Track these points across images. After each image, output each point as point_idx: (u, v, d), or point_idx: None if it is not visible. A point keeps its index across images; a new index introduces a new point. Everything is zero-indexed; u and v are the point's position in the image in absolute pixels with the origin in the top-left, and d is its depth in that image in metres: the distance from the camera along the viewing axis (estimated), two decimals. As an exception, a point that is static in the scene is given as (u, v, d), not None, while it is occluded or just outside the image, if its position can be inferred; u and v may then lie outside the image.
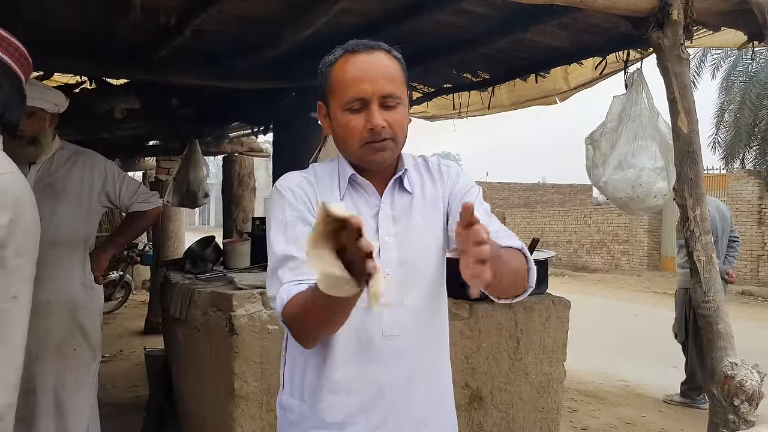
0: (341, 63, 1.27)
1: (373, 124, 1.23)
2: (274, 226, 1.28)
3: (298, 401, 1.34)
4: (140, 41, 3.15)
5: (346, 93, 1.25)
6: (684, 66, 2.12)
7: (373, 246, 0.89)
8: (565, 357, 3.26)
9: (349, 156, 1.32)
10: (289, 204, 1.28)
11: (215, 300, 2.64)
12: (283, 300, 1.18)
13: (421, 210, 1.35)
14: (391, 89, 1.26)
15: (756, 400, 1.93)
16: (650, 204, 2.39)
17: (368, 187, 1.33)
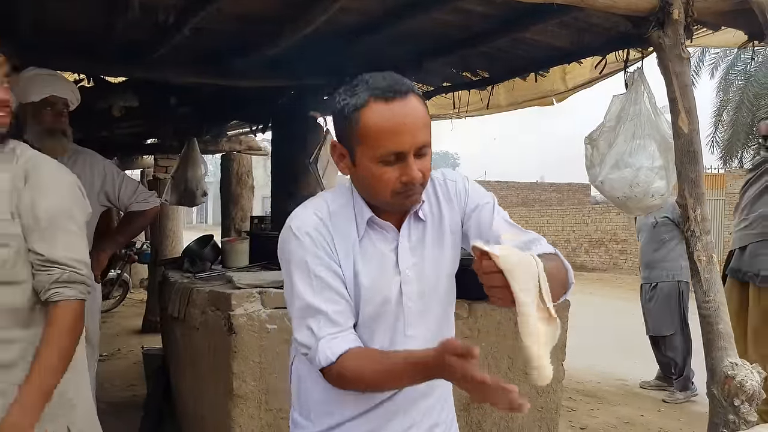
0: (372, 112, 1.18)
1: (411, 177, 1.20)
2: (298, 273, 1.25)
3: (305, 420, 1.37)
4: (139, 39, 3.14)
5: (383, 146, 1.18)
6: (685, 65, 2.12)
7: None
8: (564, 356, 3.26)
9: (376, 202, 1.28)
10: (311, 251, 1.25)
11: (214, 299, 2.63)
12: (328, 357, 1.20)
13: (432, 238, 1.35)
14: (426, 138, 1.22)
15: (756, 401, 1.93)
16: (648, 203, 2.38)
17: (387, 226, 1.31)
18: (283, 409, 2.55)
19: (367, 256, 1.28)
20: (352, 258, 1.27)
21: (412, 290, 1.31)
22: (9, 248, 1.48)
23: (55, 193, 1.55)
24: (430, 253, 1.34)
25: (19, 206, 1.50)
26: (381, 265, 1.29)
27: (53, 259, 1.51)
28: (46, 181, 1.54)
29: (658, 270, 5.25)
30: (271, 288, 2.59)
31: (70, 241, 1.56)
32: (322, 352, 1.20)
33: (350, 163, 1.26)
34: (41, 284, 1.52)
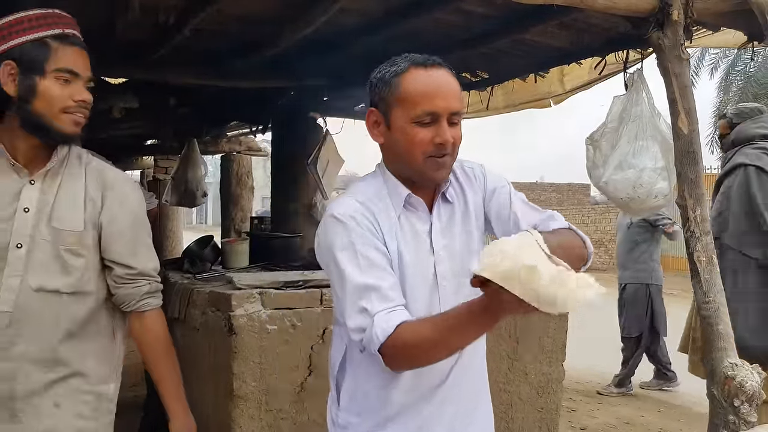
0: (412, 75, 1.28)
1: (444, 139, 1.27)
2: (345, 256, 1.27)
3: (358, 418, 1.37)
4: (139, 40, 3.14)
5: (419, 106, 1.26)
6: (684, 66, 2.12)
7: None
8: (564, 357, 3.26)
9: (407, 168, 1.33)
10: (356, 232, 1.28)
11: (214, 300, 2.63)
12: (385, 330, 1.19)
13: (460, 219, 1.41)
14: (459, 107, 1.30)
15: (756, 401, 1.93)
16: (651, 204, 2.39)
17: (421, 206, 1.37)
18: (283, 409, 2.55)
19: (406, 236, 1.34)
20: (396, 236, 1.32)
21: (445, 270, 1.36)
22: (83, 259, 1.49)
23: (132, 205, 1.59)
24: (459, 234, 1.39)
25: (98, 218, 1.52)
26: (418, 245, 1.35)
27: (144, 272, 1.58)
28: (124, 194, 1.58)
29: (630, 271, 5.29)
30: (271, 289, 2.59)
31: (150, 251, 1.62)
32: (378, 326, 1.19)
33: (385, 129, 1.33)
34: (131, 297, 1.57)
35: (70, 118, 1.46)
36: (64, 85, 1.45)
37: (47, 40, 1.44)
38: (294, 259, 3.42)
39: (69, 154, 1.54)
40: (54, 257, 1.46)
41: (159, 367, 1.61)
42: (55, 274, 1.46)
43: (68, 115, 1.46)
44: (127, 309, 1.58)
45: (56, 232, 1.46)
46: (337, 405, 1.42)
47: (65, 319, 1.48)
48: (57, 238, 1.46)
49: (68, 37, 1.48)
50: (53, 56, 1.44)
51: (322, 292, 2.61)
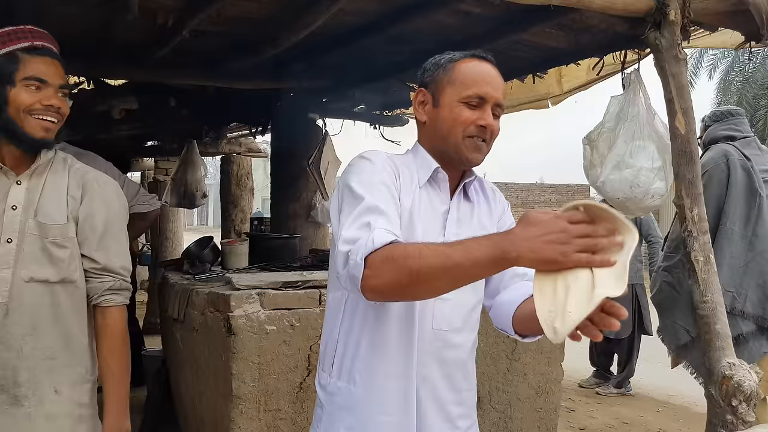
0: (467, 62, 1.39)
1: (487, 122, 1.35)
2: (362, 182, 1.29)
3: (347, 384, 1.38)
4: (138, 41, 3.15)
5: (470, 88, 1.35)
6: (681, 66, 2.12)
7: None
8: (563, 357, 3.26)
9: (447, 145, 1.38)
10: (381, 171, 1.33)
11: (213, 300, 2.64)
12: (382, 238, 1.15)
13: (478, 219, 1.46)
14: (503, 101, 1.39)
15: (754, 401, 1.93)
16: (648, 204, 2.39)
17: (444, 185, 1.42)
18: (282, 410, 2.55)
19: (423, 207, 1.38)
20: (411, 199, 1.36)
21: None
22: (68, 249, 1.59)
23: (109, 205, 1.69)
24: (474, 231, 1.41)
25: (77, 214, 1.62)
26: (431, 219, 1.39)
27: (109, 268, 1.64)
28: (102, 193, 1.68)
29: None
30: (270, 289, 2.59)
31: (121, 250, 1.69)
32: (377, 234, 1.15)
33: (431, 107, 1.40)
34: (94, 290, 1.65)
35: (39, 123, 1.54)
36: (34, 92, 1.54)
37: (17, 52, 1.54)
38: (293, 260, 3.43)
39: (54, 158, 1.65)
40: (41, 249, 1.57)
41: (109, 364, 1.64)
42: (44, 265, 1.57)
43: (36, 120, 1.54)
44: (93, 303, 1.66)
45: (42, 227, 1.57)
46: (328, 370, 1.42)
47: (57, 308, 1.58)
48: (43, 231, 1.57)
49: (37, 48, 1.57)
50: (22, 66, 1.53)
51: (320, 292, 2.62)
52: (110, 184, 1.73)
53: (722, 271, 2.60)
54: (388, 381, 1.36)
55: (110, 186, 1.73)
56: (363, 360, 1.36)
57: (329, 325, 1.45)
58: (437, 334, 1.38)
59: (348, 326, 1.39)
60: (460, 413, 1.44)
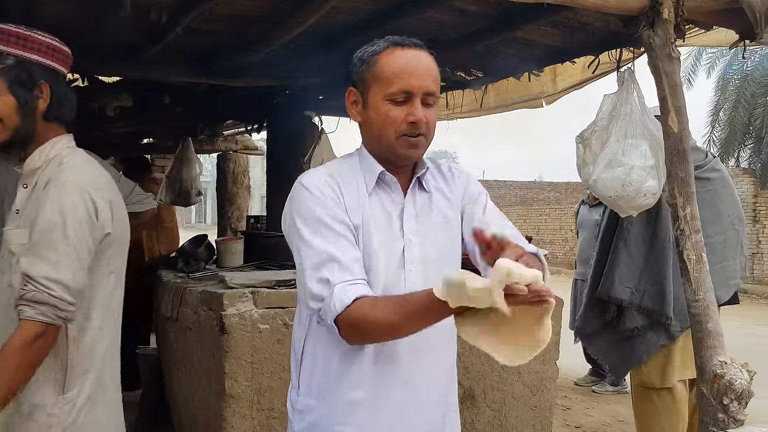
0: (389, 54, 1.31)
1: (416, 117, 1.28)
2: (307, 224, 1.28)
3: (316, 401, 1.35)
4: (132, 38, 3.14)
5: (393, 84, 1.28)
6: (674, 65, 2.12)
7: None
8: (558, 355, 3.26)
9: (381, 146, 1.33)
10: (322, 203, 1.29)
11: (206, 299, 2.63)
12: (343, 301, 1.19)
13: (438, 209, 1.40)
14: (434, 88, 1.31)
15: (745, 399, 1.93)
16: (640, 202, 2.39)
17: (394, 185, 1.37)
18: (275, 408, 2.55)
19: (376, 214, 1.34)
20: (361, 213, 1.32)
21: (414, 255, 1.34)
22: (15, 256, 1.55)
23: (56, 210, 1.50)
24: (434, 224, 1.38)
25: (30, 215, 1.54)
26: (387, 225, 1.34)
27: (28, 275, 1.47)
28: (54, 197, 1.51)
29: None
30: (263, 288, 2.59)
31: (54, 260, 1.48)
32: (337, 297, 1.19)
33: (361, 108, 1.35)
34: (16, 298, 1.49)
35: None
36: None
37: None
38: (288, 258, 3.42)
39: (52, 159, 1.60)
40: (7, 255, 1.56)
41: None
42: (8, 270, 1.55)
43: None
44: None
45: (5, 233, 1.57)
46: (296, 389, 1.40)
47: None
48: (5, 238, 1.56)
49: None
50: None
51: (314, 291, 2.61)
52: (70, 189, 1.53)
53: (620, 268, 2.80)
54: (360, 397, 1.31)
55: (68, 191, 1.53)
56: (334, 376, 1.32)
57: (297, 341, 1.42)
58: (411, 339, 1.31)
59: (315, 342, 1.35)
60: (438, 417, 1.40)
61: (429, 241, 1.36)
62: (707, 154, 3.01)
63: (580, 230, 5.64)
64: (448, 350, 1.44)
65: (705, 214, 2.79)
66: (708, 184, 2.87)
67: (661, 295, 2.76)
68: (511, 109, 4.17)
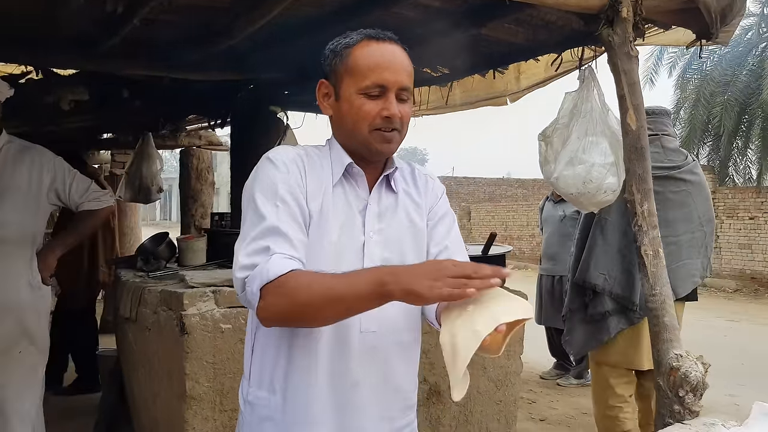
0: (364, 47, 1.28)
1: (391, 112, 1.26)
2: (264, 194, 1.24)
3: (267, 393, 1.31)
4: (87, 30, 3.05)
5: (368, 77, 1.26)
6: (633, 63, 2.15)
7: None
8: (522, 350, 3.29)
9: (354, 140, 1.31)
10: (283, 178, 1.26)
11: (165, 299, 2.57)
12: (279, 268, 1.13)
13: (404, 211, 1.37)
14: (408, 83, 1.30)
15: (700, 391, 1.97)
16: (600, 199, 2.42)
17: (361, 179, 1.33)
18: (237, 409, 2.49)
19: (338, 206, 1.30)
20: (321, 200, 1.28)
21: (373, 253, 1.31)
22: None
23: None
24: (399, 225, 1.36)
25: None
26: (349, 218, 1.31)
27: None
28: None
29: (563, 263, 5.42)
30: (225, 287, 2.54)
31: None
32: (274, 263, 1.14)
33: (334, 101, 1.32)
34: None
35: None
36: None
37: None
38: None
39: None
40: None
41: None
42: None
43: None
44: None
45: None
46: (248, 380, 1.37)
47: None
48: None
49: None
50: None
51: (277, 289, 2.57)
52: None
53: (596, 255, 2.96)
54: (312, 389, 1.28)
55: None
56: (283, 368, 1.29)
57: (249, 331, 1.39)
58: (366, 336, 1.30)
59: (265, 334, 1.32)
60: (396, 414, 1.38)
61: (392, 242, 1.34)
62: (687, 156, 3.16)
63: (544, 226, 5.70)
64: (406, 352, 1.40)
65: (676, 214, 2.97)
66: (683, 185, 3.01)
67: (630, 283, 2.90)
68: (477, 107, 4.19)
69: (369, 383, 1.31)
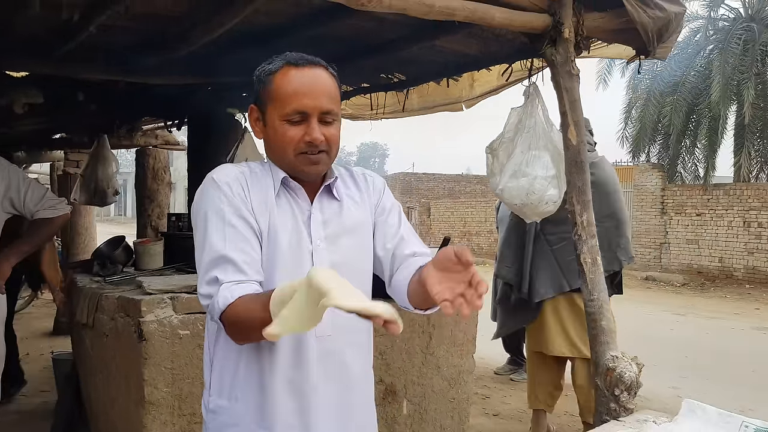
0: (283, 74, 1.31)
1: (312, 137, 1.29)
2: (212, 221, 1.29)
3: (228, 401, 1.35)
4: (43, 34, 3.02)
5: (288, 105, 1.29)
6: (574, 81, 2.27)
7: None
8: (474, 349, 3.41)
9: (282, 164, 1.36)
10: (228, 200, 1.30)
11: (123, 305, 2.59)
12: (227, 299, 1.21)
13: (348, 216, 1.42)
14: (330, 106, 1.32)
15: (634, 390, 2.11)
16: (542, 210, 2.55)
17: (300, 192, 1.38)
18: (196, 413, 2.55)
19: (285, 216, 1.35)
20: (268, 214, 1.33)
21: (322, 260, 1.36)
22: None
23: None
24: (345, 231, 1.40)
25: None
26: (295, 230, 1.35)
27: None
28: None
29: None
30: (183, 293, 2.57)
31: None
32: (222, 295, 1.22)
33: (262, 126, 1.37)
34: None
35: None
36: None
37: None
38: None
39: None
40: None
41: None
42: None
43: None
44: None
45: None
46: (208, 389, 1.41)
47: None
48: None
49: None
50: None
51: (235, 295, 2.62)
52: None
53: (503, 252, 3.71)
54: (271, 395, 1.33)
55: None
56: (242, 377, 1.34)
57: (208, 342, 1.43)
58: (322, 341, 1.35)
59: (223, 347, 1.37)
60: (355, 413, 1.44)
61: (339, 247, 1.39)
62: (596, 155, 3.41)
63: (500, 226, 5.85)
64: (361, 352, 1.47)
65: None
66: None
67: (519, 274, 3.38)
68: (434, 111, 4.30)
69: (328, 385, 1.37)
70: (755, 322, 8.93)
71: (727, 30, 14.85)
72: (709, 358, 6.60)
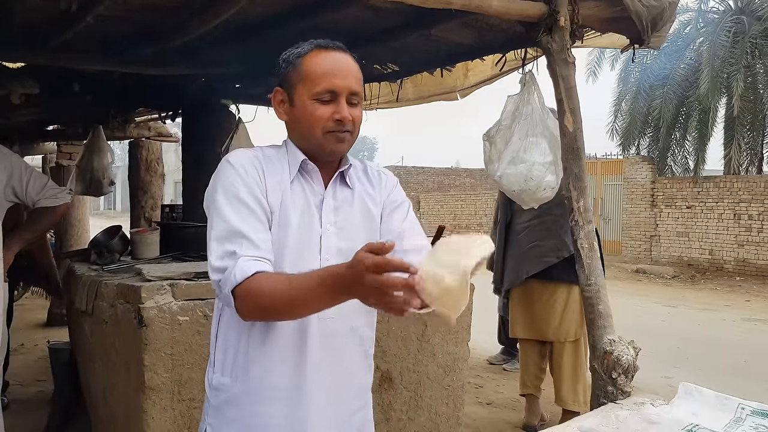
0: (314, 56, 1.37)
1: (342, 116, 1.35)
2: (226, 198, 1.32)
3: (230, 380, 1.39)
4: (41, 24, 3.01)
5: (319, 84, 1.34)
6: (570, 69, 2.30)
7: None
8: (469, 337, 3.45)
9: (308, 143, 1.39)
10: (243, 180, 1.34)
11: (123, 292, 2.61)
12: (244, 271, 1.23)
13: (359, 205, 1.46)
14: (358, 88, 1.39)
15: (631, 373, 2.15)
16: (540, 196, 2.59)
17: (315, 175, 1.42)
18: (196, 398, 2.58)
19: (297, 200, 1.39)
20: (281, 196, 1.37)
21: (331, 245, 1.40)
22: None
23: None
24: (354, 219, 1.44)
25: None
26: (306, 213, 1.39)
27: None
28: None
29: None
30: (182, 280, 2.59)
31: None
32: (239, 268, 1.24)
33: (288, 107, 1.41)
34: None
35: None
36: None
37: None
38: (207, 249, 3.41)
39: None
40: None
41: None
42: None
43: None
44: None
45: None
46: (212, 366, 1.44)
47: None
48: None
49: None
50: None
51: (234, 282, 2.64)
52: None
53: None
54: (272, 375, 1.36)
55: None
56: (245, 355, 1.37)
57: (214, 322, 1.47)
58: (324, 323, 1.38)
59: (228, 322, 1.40)
60: (351, 396, 1.48)
61: (348, 234, 1.42)
62: None
63: None
64: (362, 332, 1.49)
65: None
66: None
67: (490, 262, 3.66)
68: (429, 101, 4.32)
69: (328, 367, 1.41)
70: (746, 314, 9.03)
71: (717, 22, 14.93)
72: (700, 348, 6.67)
